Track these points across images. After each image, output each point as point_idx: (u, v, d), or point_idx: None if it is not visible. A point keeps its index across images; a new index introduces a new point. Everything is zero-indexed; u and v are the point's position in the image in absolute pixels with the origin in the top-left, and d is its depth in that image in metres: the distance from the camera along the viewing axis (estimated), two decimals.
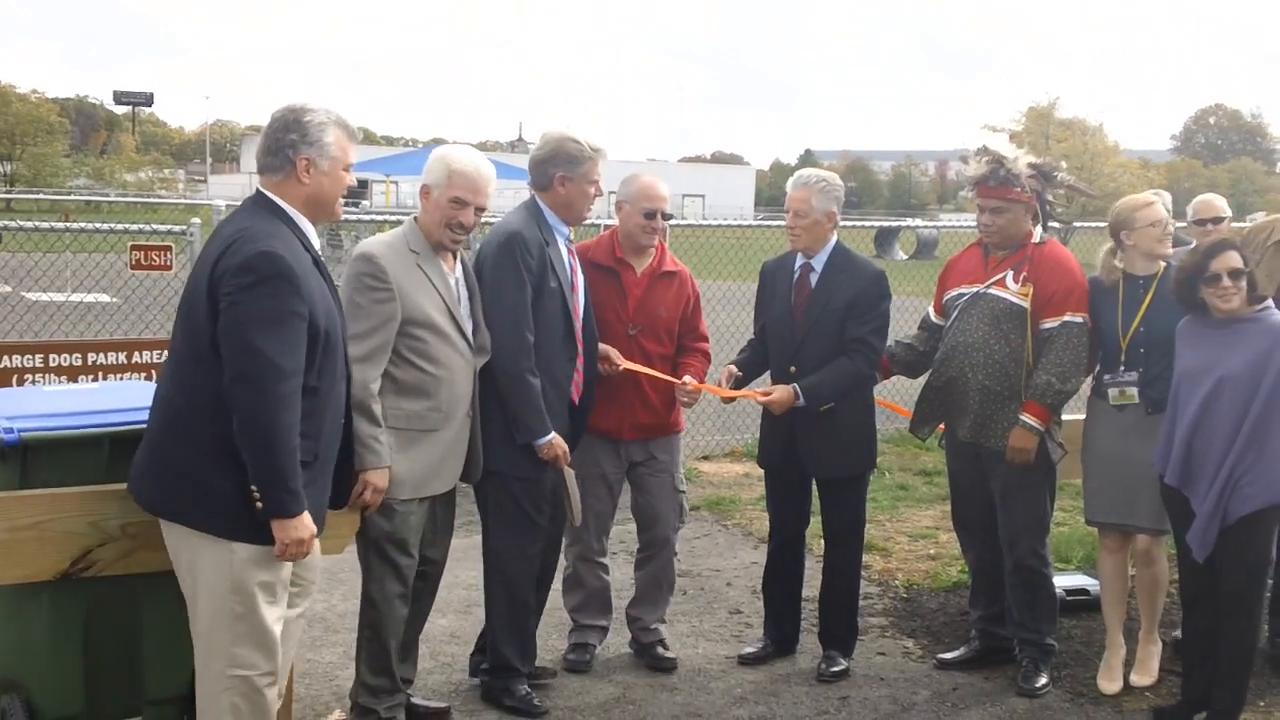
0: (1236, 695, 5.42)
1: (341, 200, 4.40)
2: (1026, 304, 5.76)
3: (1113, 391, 5.81)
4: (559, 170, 5.47)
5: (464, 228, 5.01)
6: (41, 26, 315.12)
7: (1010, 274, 5.82)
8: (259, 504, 4.02)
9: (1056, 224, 6.16)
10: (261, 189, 4.29)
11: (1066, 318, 5.75)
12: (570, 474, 5.48)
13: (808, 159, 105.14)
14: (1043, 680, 5.89)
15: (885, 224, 25.20)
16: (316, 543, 4.36)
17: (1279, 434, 5.17)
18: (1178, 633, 6.22)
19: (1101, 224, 8.57)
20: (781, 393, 5.87)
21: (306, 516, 4.08)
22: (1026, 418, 5.73)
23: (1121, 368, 5.77)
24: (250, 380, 3.96)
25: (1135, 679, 5.90)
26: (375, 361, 4.81)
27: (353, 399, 4.50)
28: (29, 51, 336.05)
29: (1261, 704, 5.78)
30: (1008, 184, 5.81)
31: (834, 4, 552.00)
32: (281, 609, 4.29)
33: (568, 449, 5.43)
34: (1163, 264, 5.76)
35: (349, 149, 4.32)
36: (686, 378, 5.82)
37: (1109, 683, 5.93)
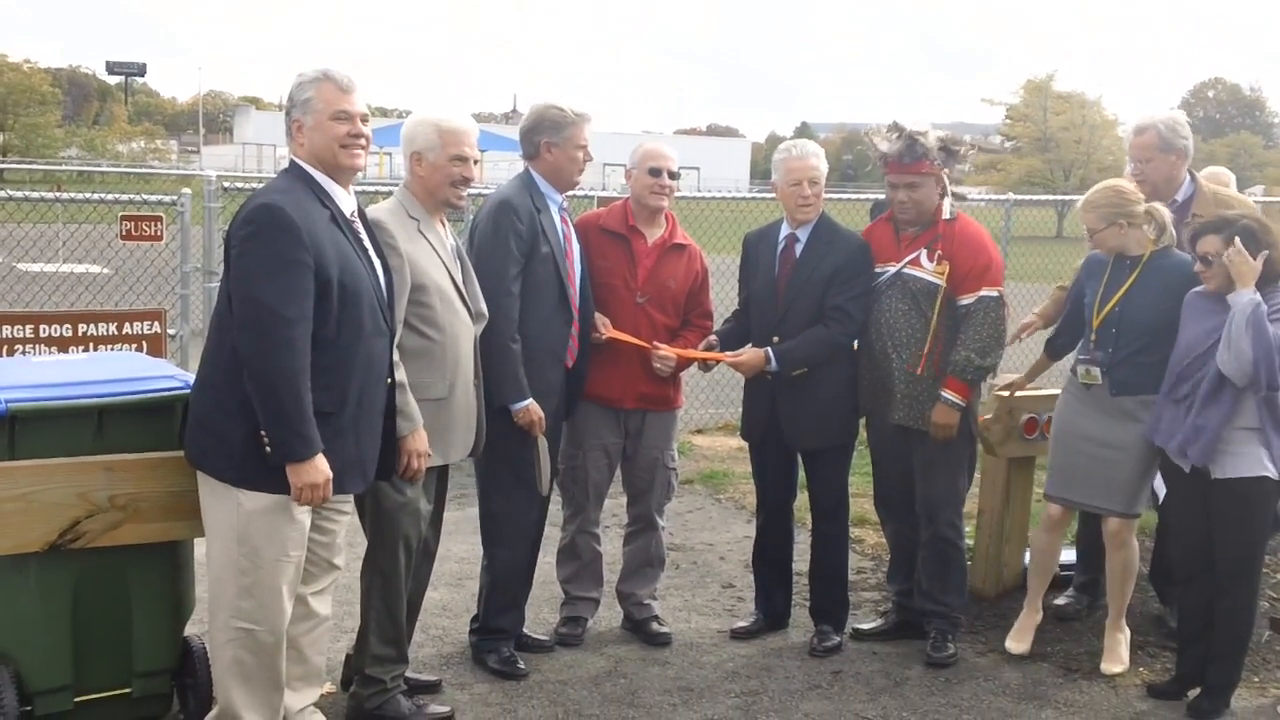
0: (1231, 672, 5.42)
1: (353, 151, 4.43)
2: (942, 281, 5.76)
3: (1080, 369, 5.82)
4: (544, 137, 5.57)
5: (468, 181, 5.07)
6: (41, 26, 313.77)
7: (924, 252, 5.82)
8: (269, 449, 4.15)
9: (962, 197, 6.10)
10: (290, 157, 4.50)
11: (983, 293, 5.75)
12: (543, 443, 5.49)
13: (804, 131, 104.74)
14: (951, 649, 5.95)
15: (880, 197, 25.17)
16: (340, 536, 4.62)
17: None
18: (1059, 600, 6.35)
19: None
20: (751, 355, 5.88)
21: (320, 460, 4.20)
22: (948, 394, 5.74)
23: (1092, 345, 5.75)
24: (253, 328, 4.11)
25: (1106, 667, 5.88)
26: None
27: None
28: (28, 51, 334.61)
29: (1256, 680, 5.79)
30: (921, 159, 5.80)
31: (834, 4, 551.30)
32: (293, 572, 4.36)
33: (544, 416, 5.44)
34: (1152, 247, 5.65)
35: (336, 98, 4.38)
36: (656, 343, 5.80)
37: (1016, 643, 6.01)
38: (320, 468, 4.20)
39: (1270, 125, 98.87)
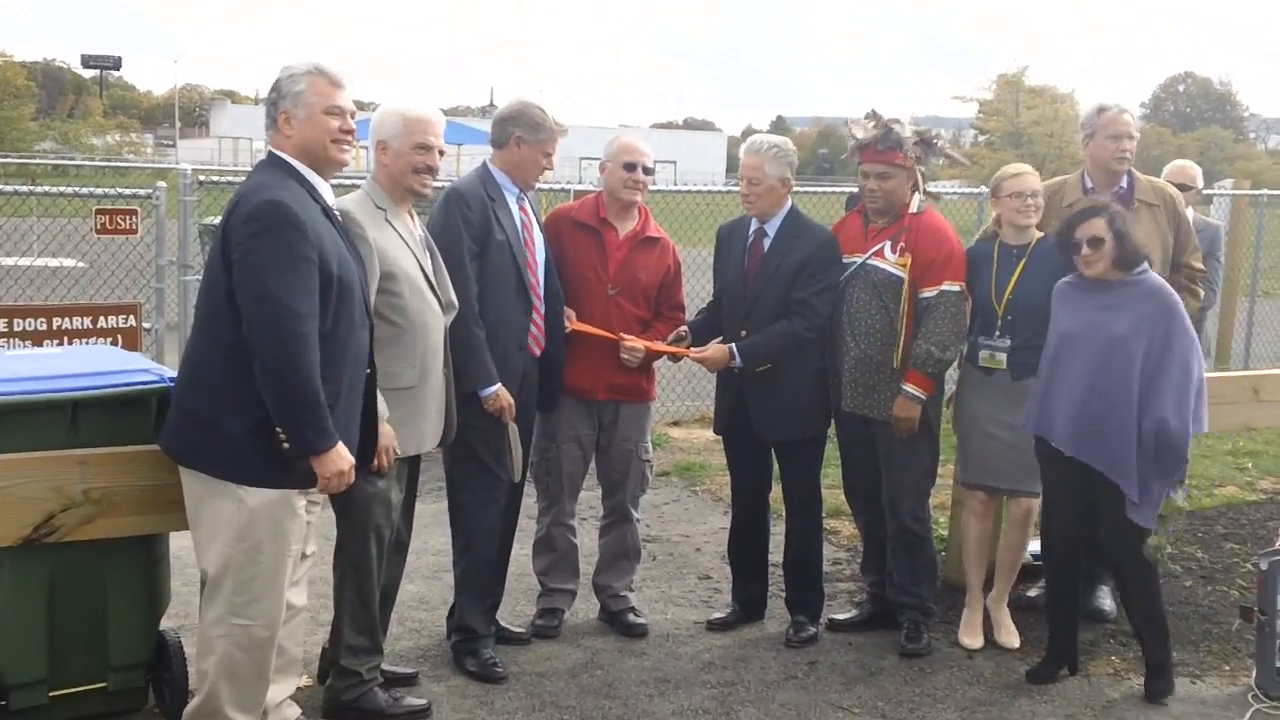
0: (1161, 650, 5.56)
1: (342, 146, 4.46)
2: (904, 274, 5.81)
3: (983, 354, 5.93)
4: (518, 130, 5.55)
5: (432, 171, 5.05)
6: (42, 27, 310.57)
7: (888, 244, 5.87)
8: (285, 445, 4.14)
9: (931, 195, 6.17)
10: (269, 148, 4.46)
11: (944, 286, 5.81)
12: (514, 429, 5.49)
13: (779, 126, 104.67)
14: (925, 639, 6.01)
15: (856, 190, 25.29)
16: (312, 526, 4.59)
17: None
18: (1031, 591, 6.48)
19: None
20: (715, 351, 5.91)
21: (341, 448, 4.24)
22: (909, 387, 5.79)
23: (997, 333, 5.88)
24: (267, 325, 4.09)
25: (1007, 641, 6.05)
26: None
27: None
28: (29, 51, 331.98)
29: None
30: (894, 149, 5.87)
31: (834, 4, 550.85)
32: (290, 566, 4.38)
33: (513, 402, 5.44)
34: (1037, 234, 5.89)
35: (329, 93, 4.39)
36: (623, 334, 5.82)
37: (971, 639, 6.08)
38: (344, 454, 4.25)
39: (1240, 119, 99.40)
